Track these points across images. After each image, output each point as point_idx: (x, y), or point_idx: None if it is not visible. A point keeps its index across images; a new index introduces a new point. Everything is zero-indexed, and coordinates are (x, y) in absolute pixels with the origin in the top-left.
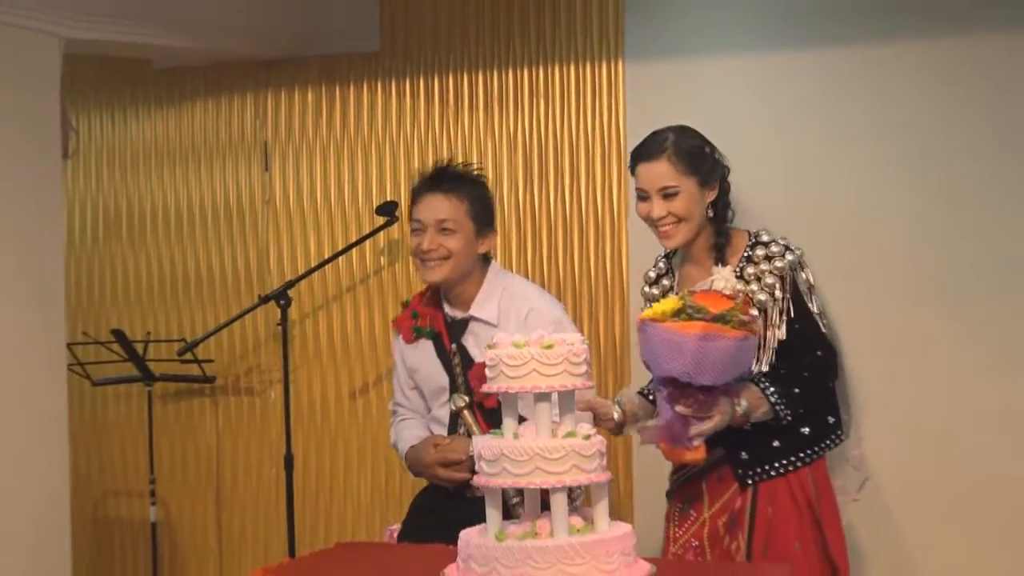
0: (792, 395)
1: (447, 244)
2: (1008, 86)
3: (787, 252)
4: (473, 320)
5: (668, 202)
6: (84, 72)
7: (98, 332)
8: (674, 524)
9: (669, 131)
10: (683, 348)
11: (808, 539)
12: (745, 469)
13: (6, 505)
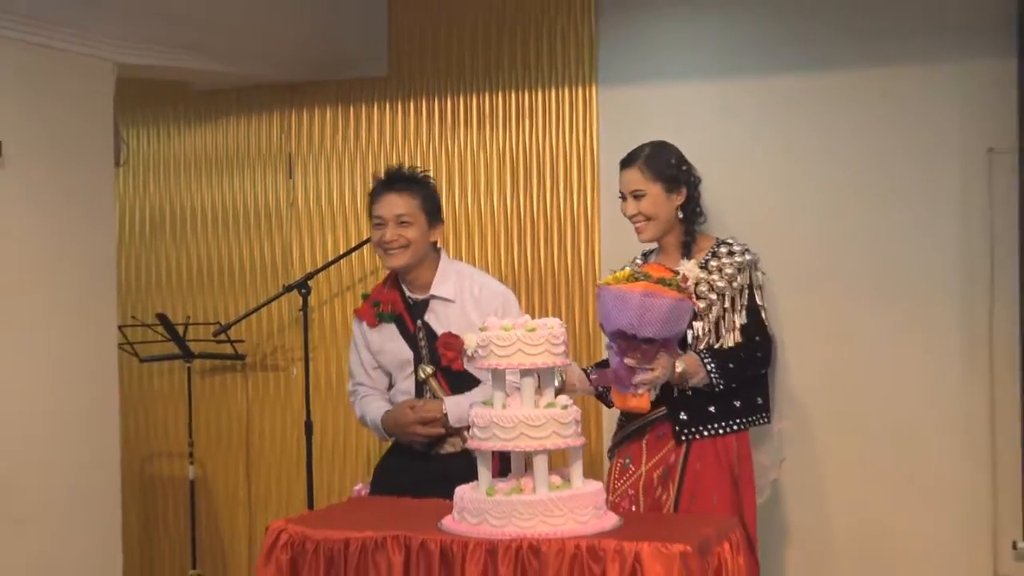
0: (727, 368)
1: (405, 235)
2: (925, 108)
3: (747, 252)
4: (433, 299)
5: (638, 202)
6: (134, 92)
7: (145, 316)
8: (615, 477)
9: (647, 145)
10: (628, 302)
11: (725, 497)
12: (682, 427)
13: (66, 464)
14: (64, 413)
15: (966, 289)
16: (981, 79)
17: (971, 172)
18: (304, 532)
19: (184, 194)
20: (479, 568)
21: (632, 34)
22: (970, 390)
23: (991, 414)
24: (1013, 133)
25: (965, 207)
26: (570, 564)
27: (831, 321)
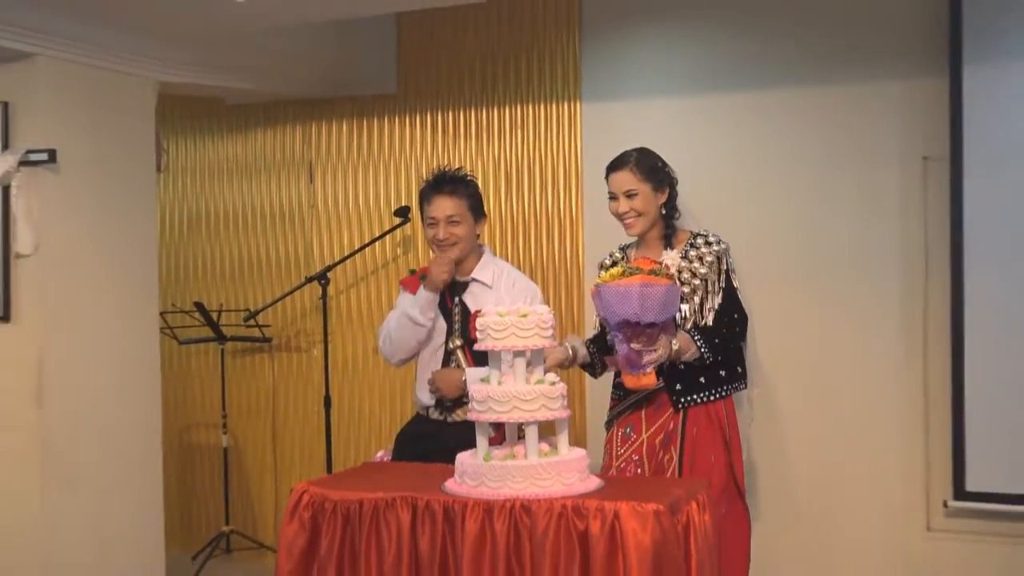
0: (713, 343)
1: (456, 232)
2: (869, 121)
3: (720, 242)
4: (473, 282)
5: (630, 201)
6: (173, 107)
7: (183, 304)
8: (616, 445)
9: (633, 151)
10: (631, 295)
11: (720, 454)
12: (679, 396)
13: (114, 433)
14: (112, 388)
15: (905, 279)
16: (917, 96)
17: (908, 178)
18: (323, 493)
19: (217, 196)
20: (477, 525)
21: (611, 57)
22: (907, 367)
23: (925, 389)
24: (945, 144)
25: (904, 208)
26: (557, 521)
27: (790, 304)
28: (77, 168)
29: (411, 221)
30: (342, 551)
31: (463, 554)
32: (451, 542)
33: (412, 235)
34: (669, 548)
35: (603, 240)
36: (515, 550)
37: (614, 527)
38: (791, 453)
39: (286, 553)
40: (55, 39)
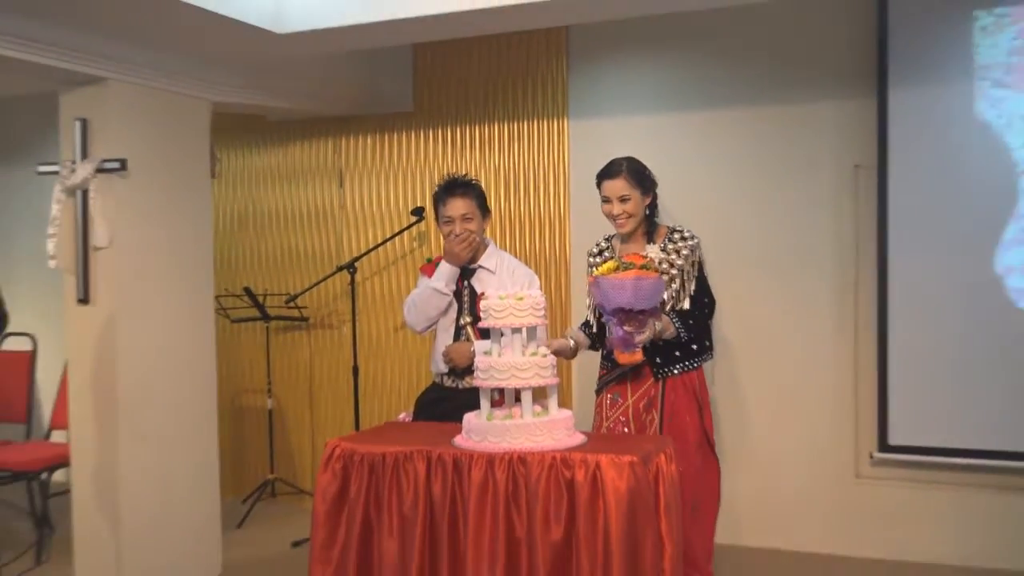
0: (688, 324)
1: (468, 227)
2: (807, 134)
3: (693, 238)
4: (480, 268)
5: (623, 204)
6: (224, 123)
7: (234, 288)
8: (606, 408)
9: (623, 160)
10: (626, 287)
11: (694, 416)
12: (659, 368)
13: (178, 395)
14: (176, 360)
15: (839, 267)
16: (850, 112)
17: (842, 183)
18: (352, 447)
19: (262, 198)
20: (481, 473)
21: (593, 81)
22: (840, 341)
23: (855, 359)
24: (873, 154)
25: (838, 208)
26: (548, 471)
27: (745, 289)
28: (144, 174)
29: (425, 219)
30: (368, 496)
31: (469, 498)
32: (459, 488)
33: (426, 231)
34: (642, 493)
35: (588, 236)
36: (513, 495)
37: (596, 475)
38: (748, 413)
39: (321, 497)
40: (126, 66)
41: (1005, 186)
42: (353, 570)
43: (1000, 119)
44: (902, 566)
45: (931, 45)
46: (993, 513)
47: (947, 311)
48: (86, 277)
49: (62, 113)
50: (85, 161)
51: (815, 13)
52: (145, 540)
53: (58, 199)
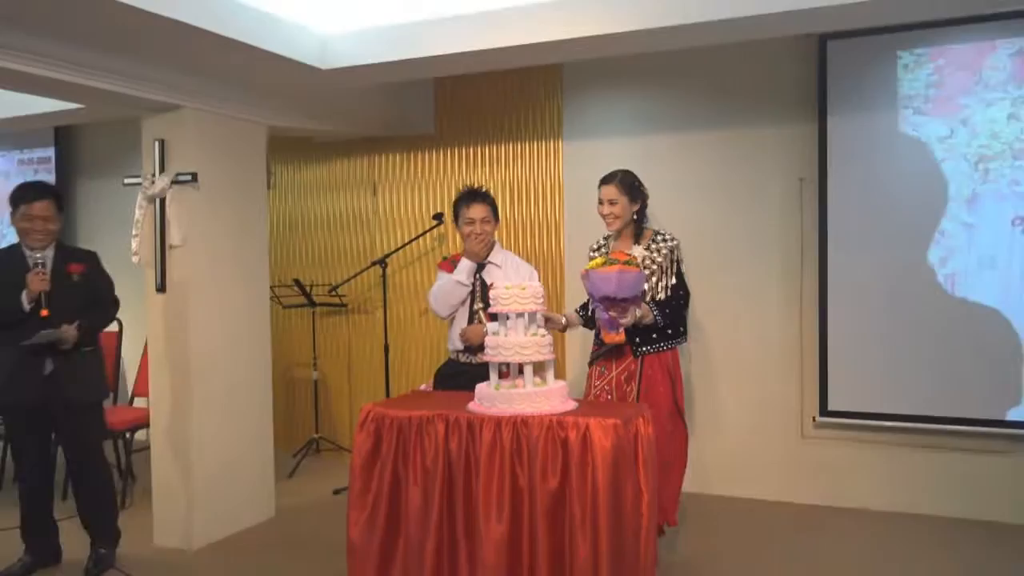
0: (664, 312)
1: (486, 229)
2: (758, 152)
3: (673, 240)
4: (490, 264)
5: (612, 207)
6: (278, 143)
7: (286, 280)
8: (594, 379)
9: (620, 171)
10: (610, 279)
11: (667, 388)
12: (637, 347)
13: (239, 368)
14: (238, 339)
15: (786, 261)
16: (794, 132)
17: (788, 194)
18: (384, 412)
19: (309, 206)
20: (491, 433)
21: (584, 109)
22: (787, 323)
23: (800, 337)
24: (815, 169)
25: (785, 213)
26: (546, 432)
27: (707, 280)
28: (212, 186)
29: (444, 223)
30: (396, 452)
31: (480, 454)
32: (472, 446)
33: (444, 233)
34: (624, 450)
35: (579, 237)
36: (517, 452)
37: (586, 435)
38: (712, 382)
39: (357, 453)
40: (197, 96)
41: (925, 195)
42: (384, 514)
43: (920, 140)
44: (838, 511)
45: (862, 79)
46: (916, 467)
47: (877, 298)
48: (163, 270)
49: (144, 135)
50: (163, 174)
51: (767, 54)
52: (211, 488)
53: (140, 206)
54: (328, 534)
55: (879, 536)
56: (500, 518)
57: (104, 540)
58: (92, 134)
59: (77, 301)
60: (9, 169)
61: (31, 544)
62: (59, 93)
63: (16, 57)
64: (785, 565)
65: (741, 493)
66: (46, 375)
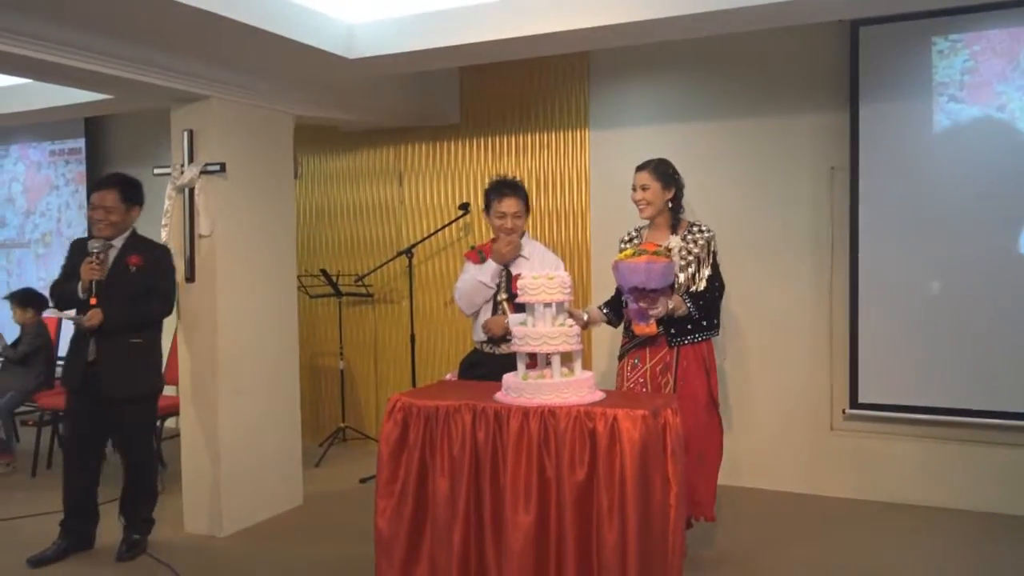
0: (698, 303)
1: (517, 223)
2: (790, 140)
3: (709, 231)
4: (518, 255)
5: (644, 193)
6: (305, 133)
7: (312, 270)
8: (627, 371)
9: (655, 158)
10: (639, 269)
11: (701, 379)
12: (672, 338)
13: (267, 357)
14: (265, 328)
15: (817, 251)
16: (825, 120)
17: (820, 181)
18: (411, 401)
19: (336, 195)
20: (518, 424)
21: (611, 97)
22: (817, 315)
23: (830, 330)
24: (847, 157)
25: (816, 203)
26: (574, 422)
27: (737, 270)
28: (240, 176)
29: (470, 213)
30: (424, 441)
31: (508, 444)
32: (499, 436)
33: (470, 223)
34: (652, 441)
35: (604, 229)
36: (544, 442)
37: (614, 426)
38: (743, 375)
39: (385, 442)
40: (225, 86)
41: (959, 184)
42: (411, 503)
43: (955, 128)
44: (869, 504)
45: (896, 66)
46: (949, 461)
47: (909, 288)
48: (192, 260)
49: (173, 125)
50: (192, 164)
51: (798, 40)
52: (240, 475)
53: (170, 196)
54: (355, 522)
55: (911, 530)
56: (527, 508)
57: (138, 527)
58: (122, 125)
59: (130, 291)
60: (41, 160)
61: (67, 527)
62: (89, 84)
63: (47, 48)
64: (816, 559)
65: (770, 486)
66: (89, 361)
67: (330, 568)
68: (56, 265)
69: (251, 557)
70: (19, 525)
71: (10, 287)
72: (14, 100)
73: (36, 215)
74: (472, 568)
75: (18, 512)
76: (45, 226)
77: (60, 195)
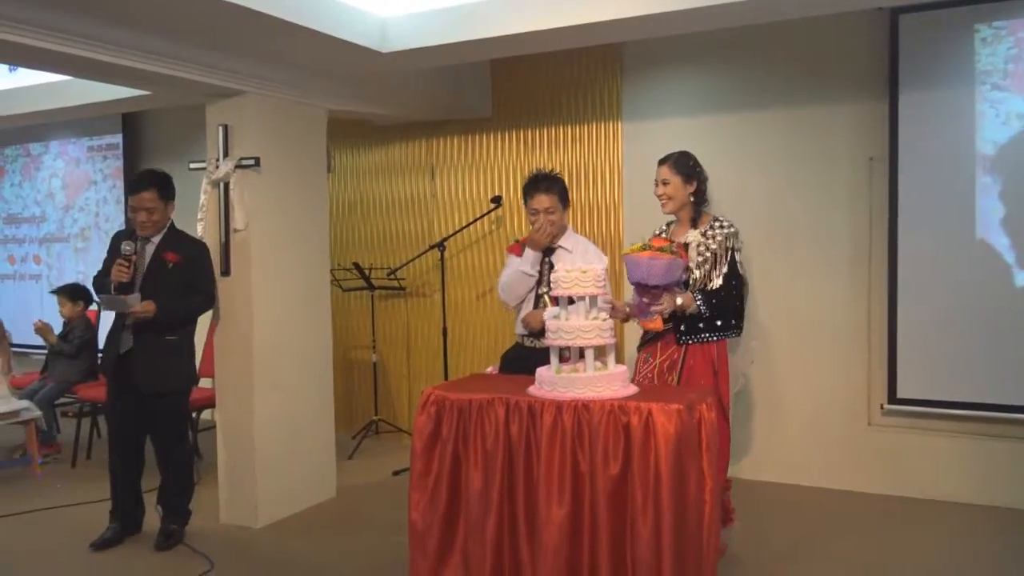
0: (710, 302)
1: (552, 219)
2: (828, 131)
3: (731, 227)
4: (560, 248)
5: (664, 187)
6: (338, 127)
7: (345, 263)
8: (640, 365)
9: (676, 152)
10: (640, 264)
11: (708, 380)
12: (681, 336)
13: (301, 351)
14: (299, 321)
15: (854, 245)
16: (864, 110)
17: (858, 173)
18: (444, 395)
19: (368, 189)
20: (551, 418)
21: (643, 89)
22: (855, 310)
23: (868, 324)
24: (885, 147)
25: (853, 195)
26: (608, 416)
27: (773, 263)
28: (274, 170)
29: (502, 206)
30: (457, 435)
31: (541, 438)
32: (533, 430)
33: (503, 216)
34: (687, 435)
35: (637, 222)
36: (578, 436)
37: (648, 421)
38: (778, 368)
39: (418, 435)
40: (259, 81)
41: (1000, 176)
42: (445, 496)
43: (998, 118)
44: (906, 500)
45: (937, 54)
46: (990, 457)
47: (950, 281)
48: (227, 254)
49: (208, 120)
50: (227, 159)
51: (835, 27)
52: (275, 467)
53: (205, 190)
54: (388, 514)
55: (950, 528)
56: (561, 502)
57: (175, 517)
58: (158, 120)
59: (168, 288)
60: (80, 156)
61: (115, 513)
62: (127, 80)
63: (86, 45)
64: (852, 557)
65: (806, 482)
66: (122, 353)
67: (364, 560)
68: (94, 259)
69: (285, 548)
70: (61, 514)
71: (50, 281)
72: (54, 97)
73: (75, 210)
74: (505, 562)
75: (60, 501)
76: (84, 221)
77: (98, 190)
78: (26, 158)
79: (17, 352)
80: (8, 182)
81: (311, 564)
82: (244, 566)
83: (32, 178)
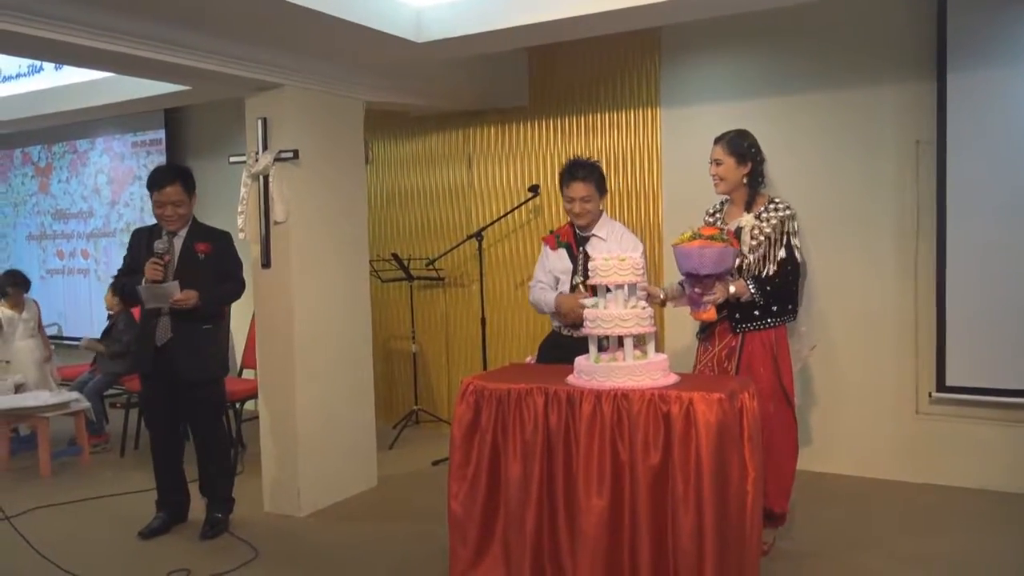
0: (764, 289)
1: (587, 207)
2: (873, 114)
3: (788, 208)
4: (594, 236)
5: (717, 167)
6: (375, 118)
7: (384, 254)
8: (700, 354)
9: (731, 131)
10: (691, 254)
11: (768, 367)
12: (737, 323)
13: (341, 340)
14: (339, 312)
15: (901, 230)
16: (912, 93)
17: (905, 156)
18: (483, 384)
19: (406, 180)
20: (591, 407)
21: (683, 73)
22: (902, 297)
23: (915, 312)
24: (933, 130)
25: (900, 179)
26: (648, 406)
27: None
28: (313, 162)
29: (540, 195)
30: (496, 424)
31: (580, 428)
32: (572, 419)
33: (540, 205)
34: (729, 425)
35: (677, 208)
36: (617, 425)
37: (689, 410)
38: (825, 356)
39: (457, 425)
40: (297, 74)
41: None
42: (484, 486)
43: None
44: (954, 490)
45: (987, 32)
46: None
47: (1000, 267)
48: (268, 246)
49: (247, 114)
50: (266, 152)
51: (881, 8)
52: (316, 457)
53: (245, 183)
54: (428, 503)
55: (999, 519)
56: (601, 492)
57: (219, 506)
58: (199, 115)
59: (203, 279)
60: (124, 151)
61: (161, 502)
62: (167, 75)
63: (128, 42)
64: (902, 548)
65: (852, 471)
66: (158, 347)
67: (405, 548)
68: None
69: (328, 536)
70: (111, 503)
71: (97, 275)
72: (99, 93)
73: (120, 205)
74: (545, 551)
75: (109, 491)
76: (129, 216)
77: (142, 185)
78: (73, 155)
79: (68, 345)
80: (56, 178)
81: (353, 552)
82: (288, 554)
83: (79, 174)
